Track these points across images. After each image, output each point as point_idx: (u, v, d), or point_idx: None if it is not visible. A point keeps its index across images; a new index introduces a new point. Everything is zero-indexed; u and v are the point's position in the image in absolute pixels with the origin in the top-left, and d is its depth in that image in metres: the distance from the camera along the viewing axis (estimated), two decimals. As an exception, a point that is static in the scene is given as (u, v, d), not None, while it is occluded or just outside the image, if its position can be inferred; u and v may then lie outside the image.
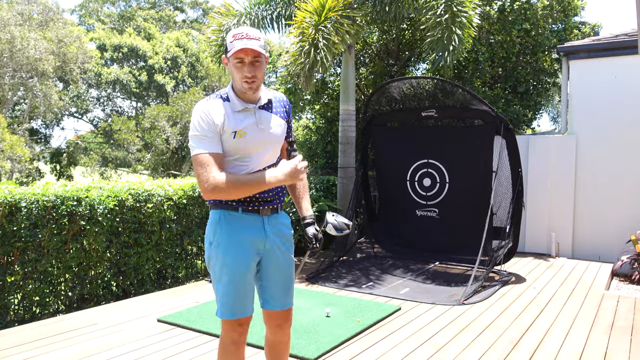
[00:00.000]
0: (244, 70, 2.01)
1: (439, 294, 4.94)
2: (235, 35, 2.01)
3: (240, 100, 2.09)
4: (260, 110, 2.14)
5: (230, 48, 2.01)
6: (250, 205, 2.13)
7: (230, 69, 2.08)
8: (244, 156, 2.09)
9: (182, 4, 31.82)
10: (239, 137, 2.06)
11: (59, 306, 4.58)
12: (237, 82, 2.05)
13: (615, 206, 6.72)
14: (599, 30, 9.09)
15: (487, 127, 5.92)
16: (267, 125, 2.15)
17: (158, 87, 24.11)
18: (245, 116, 2.09)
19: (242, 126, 2.07)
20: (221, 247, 2.11)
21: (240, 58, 2.00)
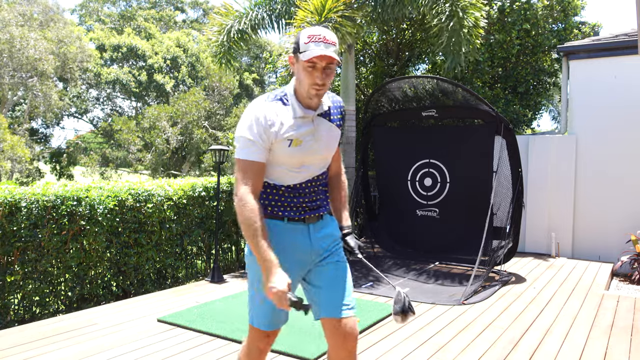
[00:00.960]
0: (315, 77, 1.85)
1: (439, 294, 4.94)
2: (311, 37, 1.84)
3: (301, 106, 1.93)
4: (318, 117, 1.99)
5: (304, 50, 1.84)
6: (296, 214, 2.00)
7: (297, 70, 1.90)
8: (296, 165, 1.96)
9: (183, 4, 31.82)
10: (294, 146, 1.91)
11: (59, 306, 4.58)
12: (304, 86, 1.88)
13: (615, 206, 6.72)
14: (599, 30, 9.09)
15: (487, 127, 5.92)
16: (324, 134, 2.00)
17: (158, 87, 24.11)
18: (303, 123, 1.93)
19: (299, 134, 1.92)
20: None
21: (313, 63, 1.84)
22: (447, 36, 5.89)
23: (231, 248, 6.43)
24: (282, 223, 1.98)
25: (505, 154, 5.67)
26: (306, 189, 2.02)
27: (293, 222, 1.99)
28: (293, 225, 1.99)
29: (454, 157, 6.25)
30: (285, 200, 1.99)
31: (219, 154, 5.56)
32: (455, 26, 5.83)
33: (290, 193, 1.99)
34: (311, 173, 2.01)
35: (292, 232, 2.00)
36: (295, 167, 1.96)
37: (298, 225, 2.00)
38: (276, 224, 1.98)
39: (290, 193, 1.99)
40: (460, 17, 5.81)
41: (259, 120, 1.87)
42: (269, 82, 26.99)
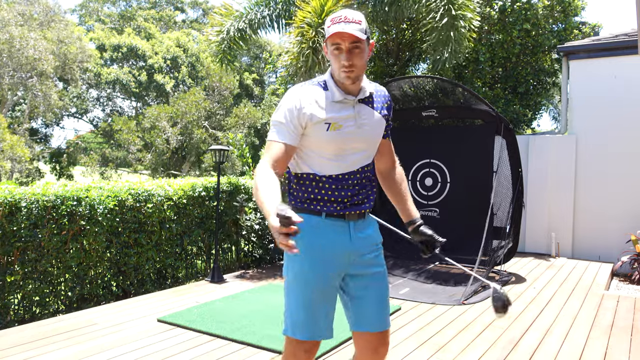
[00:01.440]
0: (341, 58, 1.79)
1: (439, 294, 4.94)
2: (333, 19, 1.80)
3: (340, 90, 1.85)
4: (360, 103, 1.90)
5: (328, 33, 1.80)
6: (336, 209, 1.87)
7: (328, 56, 1.86)
8: (336, 151, 1.85)
9: (182, 4, 31.83)
10: (333, 130, 1.82)
11: (59, 306, 4.58)
12: (335, 72, 1.83)
13: (615, 206, 6.72)
14: (599, 30, 9.09)
15: (487, 127, 5.92)
16: (366, 121, 1.90)
17: (158, 87, 24.11)
18: (342, 108, 1.86)
19: (339, 118, 1.84)
20: (298, 256, 1.84)
21: (336, 44, 1.79)
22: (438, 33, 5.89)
23: (231, 248, 6.43)
24: (319, 219, 1.86)
25: (505, 154, 5.67)
26: (349, 181, 1.89)
27: (332, 217, 1.87)
28: (332, 221, 1.87)
29: (454, 157, 6.24)
30: (326, 192, 1.87)
31: (219, 154, 5.56)
32: (448, 24, 5.83)
33: (331, 185, 1.87)
34: (354, 163, 1.89)
35: (331, 229, 1.87)
36: (335, 154, 1.86)
37: (337, 221, 1.87)
38: (314, 219, 1.86)
39: (331, 185, 1.87)
40: (453, 15, 5.81)
41: (293, 102, 1.82)
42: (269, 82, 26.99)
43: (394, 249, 6.71)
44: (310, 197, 1.88)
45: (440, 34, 5.88)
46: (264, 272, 5.92)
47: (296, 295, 1.87)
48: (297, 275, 1.86)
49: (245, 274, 5.80)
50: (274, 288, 5.07)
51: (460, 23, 5.85)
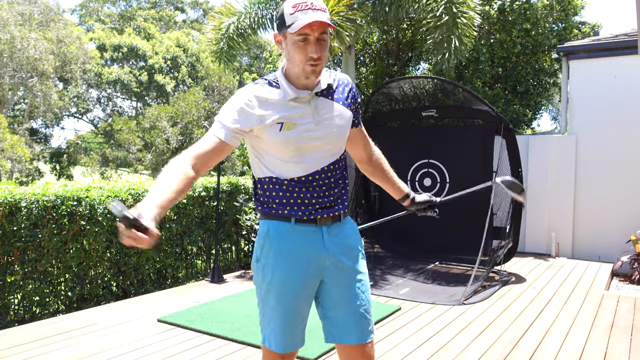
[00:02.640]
0: (309, 50, 1.60)
1: (439, 294, 4.94)
2: (296, 6, 1.59)
3: (292, 87, 1.68)
4: (317, 97, 1.72)
5: (291, 22, 1.59)
6: (305, 214, 1.73)
7: (286, 48, 1.65)
8: (295, 154, 1.70)
9: (183, 4, 31.84)
10: (286, 130, 1.66)
11: (59, 306, 4.58)
12: (298, 65, 1.63)
13: (615, 206, 6.72)
14: (599, 30, 9.09)
15: (487, 127, 5.92)
16: (326, 115, 1.73)
17: (158, 87, 24.12)
18: (297, 105, 1.69)
19: (291, 116, 1.68)
20: (269, 265, 1.75)
21: (304, 34, 1.59)
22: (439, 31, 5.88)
23: (231, 248, 6.43)
24: (289, 225, 1.74)
25: (505, 154, 5.67)
26: (313, 182, 1.73)
27: (302, 223, 1.74)
28: (302, 227, 1.74)
29: (454, 157, 6.24)
30: (291, 196, 1.73)
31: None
32: (449, 22, 5.83)
33: (294, 187, 1.72)
34: (317, 163, 1.73)
35: (302, 234, 1.74)
36: (293, 155, 1.70)
37: (309, 226, 1.74)
38: (283, 226, 1.74)
39: (294, 187, 1.72)
40: (453, 12, 5.81)
41: (239, 103, 1.67)
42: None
43: (394, 249, 6.71)
44: (276, 201, 1.75)
45: (441, 32, 5.87)
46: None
47: (269, 306, 1.77)
48: (269, 285, 1.75)
49: (245, 274, 5.80)
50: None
51: (462, 20, 5.84)
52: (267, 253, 1.76)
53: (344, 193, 1.83)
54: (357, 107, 1.87)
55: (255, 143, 1.74)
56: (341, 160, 1.83)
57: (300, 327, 1.80)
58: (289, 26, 1.60)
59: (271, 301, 1.76)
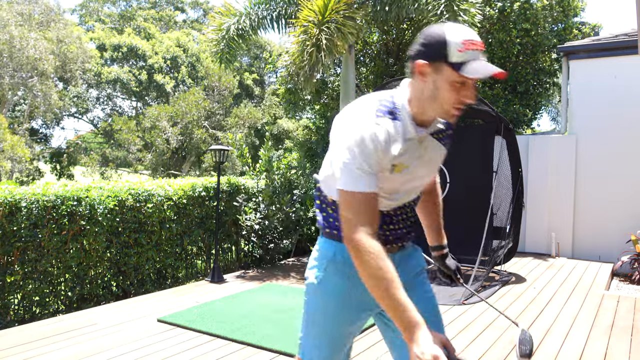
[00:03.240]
0: (463, 95, 1.43)
1: (439, 294, 4.93)
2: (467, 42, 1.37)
3: (415, 126, 1.48)
4: (428, 137, 1.56)
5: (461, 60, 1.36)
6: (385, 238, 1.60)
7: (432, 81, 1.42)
8: (391, 192, 1.55)
9: (183, 4, 31.84)
10: (397, 172, 1.49)
11: (59, 306, 4.58)
12: (443, 105, 1.44)
13: (615, 206, 6.72)
14: (599, 30, 9.09)
15: (487, 127, 5.92)
16: (432, 157, 1.61)
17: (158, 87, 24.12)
18: (411, 145, 1.50)
19: (406, 159, 1.49)
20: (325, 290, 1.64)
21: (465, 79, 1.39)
22: None
23: (231, 248, 6.43)
24: None
25: (505, 154, 5.67)
26: (394, 217, 1.63)
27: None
28: None
29: (454, 157, 6.18)
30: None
31: (219, 154, 5.56)
32: (450, 19, 5.83)
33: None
34: (404, 199, 1.62)
35: None
36: (390, 193, 1.55)
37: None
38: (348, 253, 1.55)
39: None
40: (454, 10, 5.80)
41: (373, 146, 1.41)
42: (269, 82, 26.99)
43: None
44: None
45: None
46: (264, 272, 5.92)
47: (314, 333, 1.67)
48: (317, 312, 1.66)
49: (245, 274, 5.80)
50: (274, 288, 5.07)
51: (463, 18, 5.84)
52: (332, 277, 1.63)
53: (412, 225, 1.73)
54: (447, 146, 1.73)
55: None
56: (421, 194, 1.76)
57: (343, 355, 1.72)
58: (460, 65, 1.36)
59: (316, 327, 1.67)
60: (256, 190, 6.42)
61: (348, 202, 1.42)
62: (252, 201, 6.29)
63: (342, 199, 1.43)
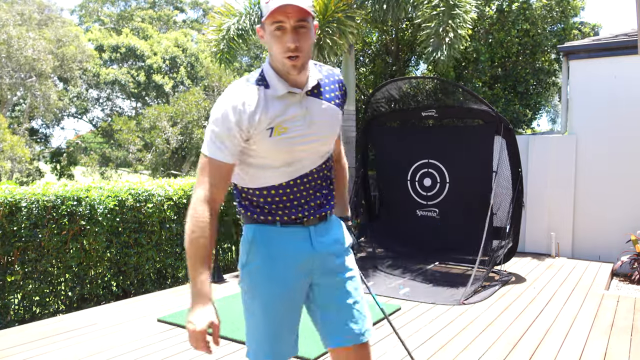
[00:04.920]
0: (285, 40, 1.47)
1: (439, 294, 4.94)
2: None
3: (283, 82, 1.54)
4: (308, 97, 1.59)
5: (266, 10, 1.47)
6: (290, 218, 1.64)
7: (267, 41, 1.53)
8: (286, 160, 1.58)
9: (182, 4, 31.83)
10: (277, 135, 1.53)
11: (59, 306, 4.58)
12: (278, 57, 1.50)
13: (615, 206, 6.72)
14: (599, 30, 9.10)
15: (487, 127, 5.92)
16: (317, 117, 1.60)
17: (157, 87, 24.12)
18: (287, 105, 1.54)
19: (282, 120, 1.53)
20: (255, 272, 1.65)
21: (279, 22, 1.46)
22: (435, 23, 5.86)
23: (231, 248, 6.43)
24: (274, 228, 1.64)
25: (505, 154, 5.67)
26: (301, 186, 1.64)
27: (289, 225, 1.64)
28: (289, 229, 1.65)
29: (454, 157, 6.25)
30: (280, 200, 1.63)
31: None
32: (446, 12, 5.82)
33: (282, 194, 1.63)
34: (306, 166, 1.63)
35: (290, 236, 1.65)
36: (283, 162, 1.58)
37: (296, 228, 1.65)
38: (269, 230, 1.65)
39: (282, 194, 1.63)
40: (449, 4, 5.80)
41: (235, 108, 1.49)
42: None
43: (394, 249, 6.71)
44: (264, 207, 1.64)
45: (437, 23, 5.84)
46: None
47: (257, 315, 1.66)
48: (255, 294, 1.66)
49: (245, 274, 5.80)
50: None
51: (458, 11, 5.83)
52: (254, 258, 1.66)
53: (331, 191, 1.74)
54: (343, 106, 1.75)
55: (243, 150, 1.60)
56: (329, 160, 1.73)
57: (291, 336, 1.70)
58: (264, 15, 1.49)
59: (258, 311, 1.66)
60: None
61: (203, 165, 1.54)
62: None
63: (201, 162, 1.55)
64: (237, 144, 1.53)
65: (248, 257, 1.67)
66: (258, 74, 1.57)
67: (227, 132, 1.50)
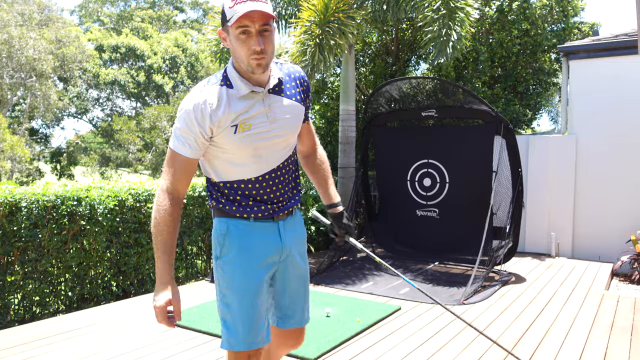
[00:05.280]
0: (251, 43, 1.57)
1: (439, 294, 4.94)
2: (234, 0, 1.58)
3: (245, 82, 1.65)
4: (270, 95, 1.70)
5: (231, 15, 1.56)
6: (262, 212, 1.76)
7: (230, 44, 1.63)
8: (249, 156, 1.70)
9: (182, 4, 31.83)
10: (241, 132, 1.65)
11: (59, 306, 4.58)
12: (243, 60, 1.61)
13: (615, 206, 6.72)
14: (598, 29, 9.09)
15: (487, 127, 5.92)
16: (279, 114, 1.71)
17: (157, 87, 24.11)
18: (250, 104, 1.66)
19: (245, 117, 1.65)
20: (230, 264, 1.76)
21: (244, 26, 1.56)
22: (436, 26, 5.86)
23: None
24: (248, 222, 1.76)
25: (505, 154, 5.67)
26: (270, 181, 1.76)
27: (261, 220, 1.77)
28: (261, 223, 1.78)
29: (454, 157, 6.25)
30: (250, 195, 1.75)
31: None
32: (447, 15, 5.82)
33: (252, 189, 1.75)
34: (272, 163, 1.75)
35: (262, 231, 1.78)
36: (249, 157, 1.70)
37: (267, 223, 1.78)
38: (243, 224, 1.76)
39: (252, 189, 1.75)
40: (450, 7, 5.79)
41: (197, 106, 1.62)
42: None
43: (394, 249, 6.72)
44: (235, 202, 1.76)
45: (439, 26, 5.85)
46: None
47: (233, 305, 1.74)
48: (231, 285, 1.75)
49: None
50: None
51: (459, 15, 5.83)
52: (228, 250, 1.77)
53: (297, 185, 1.88)
54: (308, 100, 1.86)
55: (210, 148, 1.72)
56: (293, 155, 1.86)
57: (265, 323, 1.80)
58: (229, 20, 1.57)
59: (233, 299, 1.75)
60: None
61: (169, 159, 1.68)
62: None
63: (167, 155, 1.70)
64: (200, 141, 1.66)
65: (222, 250, 1.78)
66: (221, 75, 1.69)
67: (190, 130, 1.63)
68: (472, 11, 6.03)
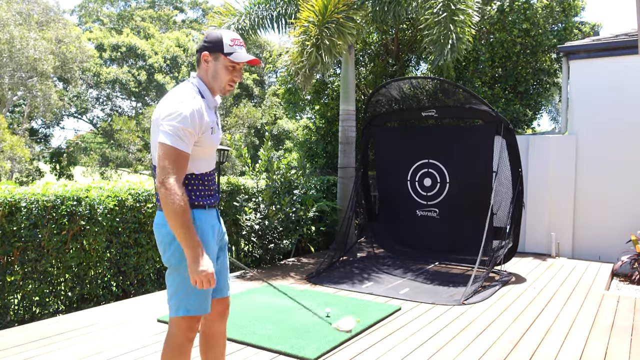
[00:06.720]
0: (235, 75, 2.13)
1: (439, 294, 4.94)
2: (234, 40, 2.11)
3: (213, 98, 2.17)
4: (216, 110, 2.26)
5: (230, 51, 2.08)
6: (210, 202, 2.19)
7: (214, 68, 2.11)
8: (210, 153, 2.17)
9: (182, 4, 31.82)
10: (213, 134, 2.13)
11: (59, 306, 4.58)
12: (221, 83, 2.12)
13: (615, 206, 6.72)
14: (599, 30, 9.09)
15: (487, 127, 5.92)
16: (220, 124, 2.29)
17: (158, 87, 24.10)
18: (213, 113, 2.18)
19: (214, 123, 2.14)
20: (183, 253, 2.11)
21: (235, 64, 2.10)
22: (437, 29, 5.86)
23: (231, 248, 6.43)
24: (205, 211, 2.16)
25: (505, 154, 5.67)
26: (211, 176, 2.22)
27: (210, 208, 2.20)
28: (210, 211, 2.20)
29: (454, 157, 6.25)
30: (204, 188, 2.17)
31: (219, 154, 5.56)
32: (447, 18, 5.81)
33: (204, 181, 2.17)
34: (215, 159, 2.27)
35: (211, 216, 2.19)
36: (209, 154, 2.17)
37: (212, 210, 2.22)
38: (201, 212, 2.14)
39: (204, 181, 2.17)
40: (451, 10, 5.79)
41: (195, 113, 2.00)
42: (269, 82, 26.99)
43: (394, 249, 6.72)
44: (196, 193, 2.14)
45: (439, 29, 5.85)
46: (264, 272, 5.92)
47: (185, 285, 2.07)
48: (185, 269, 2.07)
49: (245, 274, 5.80)
50: (273, 288, 5.07)
51: (460, 18, 5.83)
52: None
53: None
54: None
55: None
56: None
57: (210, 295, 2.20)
58: (230, 54, 2.08)
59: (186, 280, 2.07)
60: (256, 190, 6.42)
61: (171, 155, 1.95)
62: (252, 201, 6.29)
63: (165, 152, 1.95)
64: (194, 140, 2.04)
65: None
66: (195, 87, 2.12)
67: (191, 129, 1.99)
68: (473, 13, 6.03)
